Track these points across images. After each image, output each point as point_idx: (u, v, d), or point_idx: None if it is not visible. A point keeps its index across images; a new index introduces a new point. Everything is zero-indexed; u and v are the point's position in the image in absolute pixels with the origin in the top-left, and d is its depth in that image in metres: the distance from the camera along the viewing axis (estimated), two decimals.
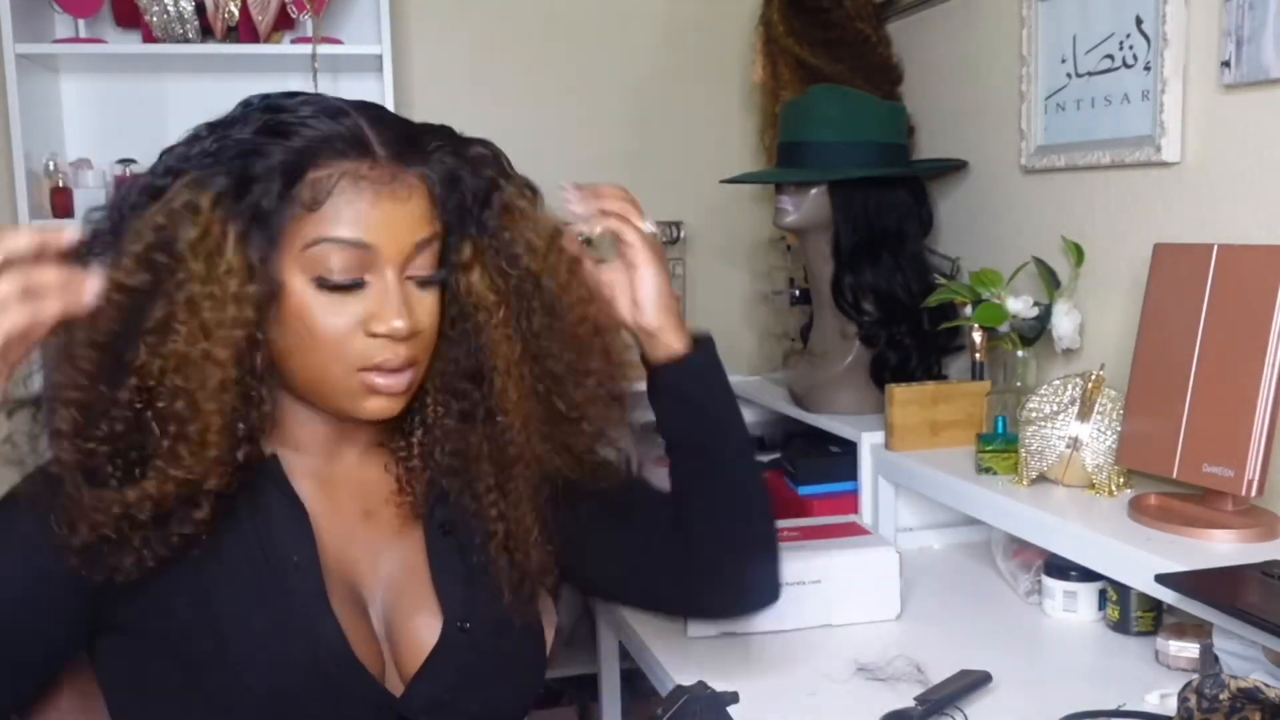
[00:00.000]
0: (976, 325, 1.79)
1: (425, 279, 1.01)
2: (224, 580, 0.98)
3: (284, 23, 2.38)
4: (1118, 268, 1.69)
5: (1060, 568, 1.53)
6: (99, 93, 2.45)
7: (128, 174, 2.33)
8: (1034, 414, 1.56)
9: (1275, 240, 1.40)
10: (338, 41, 2.40)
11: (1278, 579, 1.18)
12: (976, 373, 1.86)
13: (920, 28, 2.27)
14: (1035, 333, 1.73)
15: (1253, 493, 1.32)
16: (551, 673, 1.39)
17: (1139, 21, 1.63)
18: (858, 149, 1.99)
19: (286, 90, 1.03)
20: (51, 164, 2.33)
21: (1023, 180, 1.94)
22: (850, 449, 1.96)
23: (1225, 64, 1.46)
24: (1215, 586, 1.19)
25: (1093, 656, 1.45)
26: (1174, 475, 1.40)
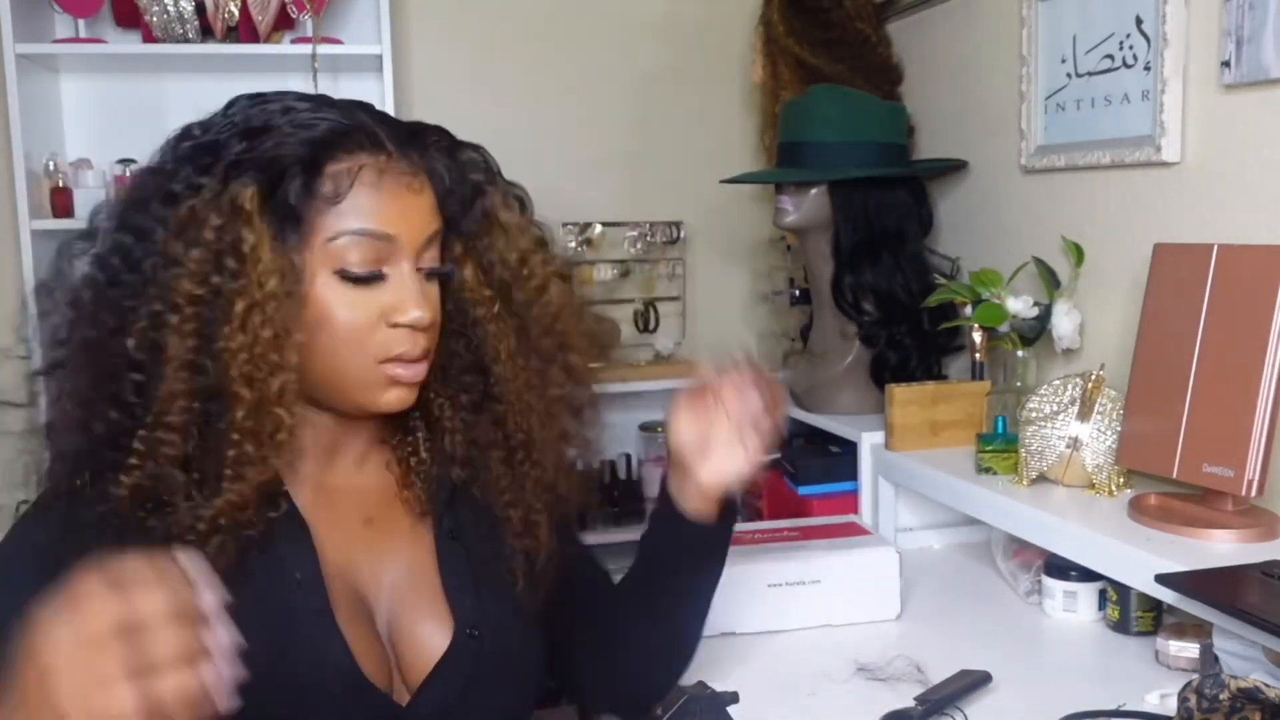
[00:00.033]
0: (976, 325, 1.79)
1: (433, 271, 1.02)
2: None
3: (284, 23, 2.39)
4: (1118, 268, 1.69)
5: (1060, 568, 1.53)
6: (99, 93, 2.45)
7: (128, 174, 2.33)
8: (1034, 414, 1.56)
9: (1275, 240, 1.40)
10: (338, 41, 2.40)
11: (1278, 579, 1.18)
12: (976, 373, 1.86)
13: (920, 28, 2.27)
14: (1035, 333, 1.73)
15: (1253, 493, 1.32)
16: None
17: (1139, 21, 1.63)
18: (858, 149, 1.99)
19: (276, 90, 1.02)
20: (51, 164, 2.33)
21: (1023, 180, 1.94)
22: (850, 449, 1.96)
23: (1225, 64, 1.46)
24: (1215, 586, 1.19)
25: (1093, 656, 1.44)
26: (1174, 475, 1.40)
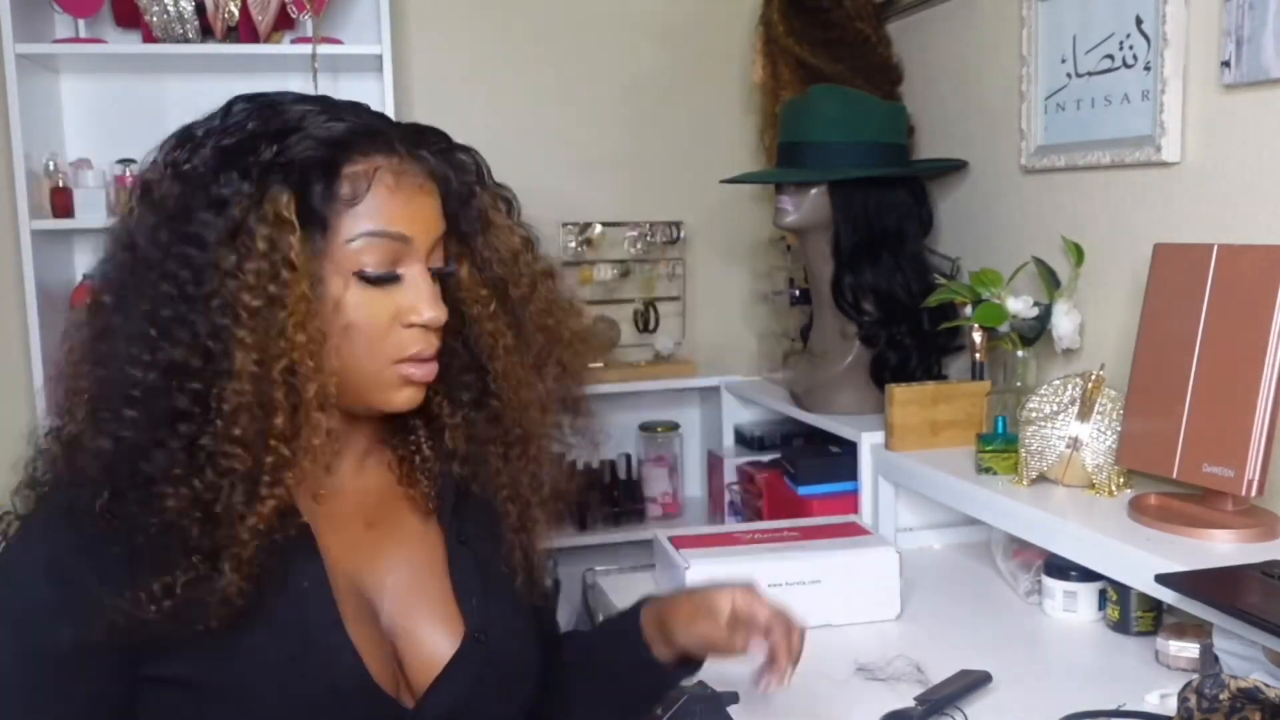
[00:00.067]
0: (976, 325, 1.79)
1: (438, 270, 1.03)
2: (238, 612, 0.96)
3: (284, 23, 2.38)
4: (1118, 268, 1.69)
5: (1060, 568, 1.53)
6: (99, 93, 2.45)
7: (128, 174, 2.33)
8: (1034, 414, 1.56)
9: (1275, 240, 1.40)
10: (338, 41, 2.40)
11: (1278, 579, 1.18)
12: (976, 373, 1.86)
13: (920, 28, 2.27)
14: (1035, 333, 1.73)
15: (1253, 493, 1.32)
16: None
17: (1139, 21, 1.63)
18: (858, 149, 1.99)
19: (281, 90, 1.03)
20: (51, 164, 2.33)
21: (1023, 180, 1.94)
22: (850, 449, 1.96)
23: (1225, 64, 1.46)
24: (1215, 586, 1.19)
25: (1093, 656, 1.44)
26: (1174, 475, 1.40)
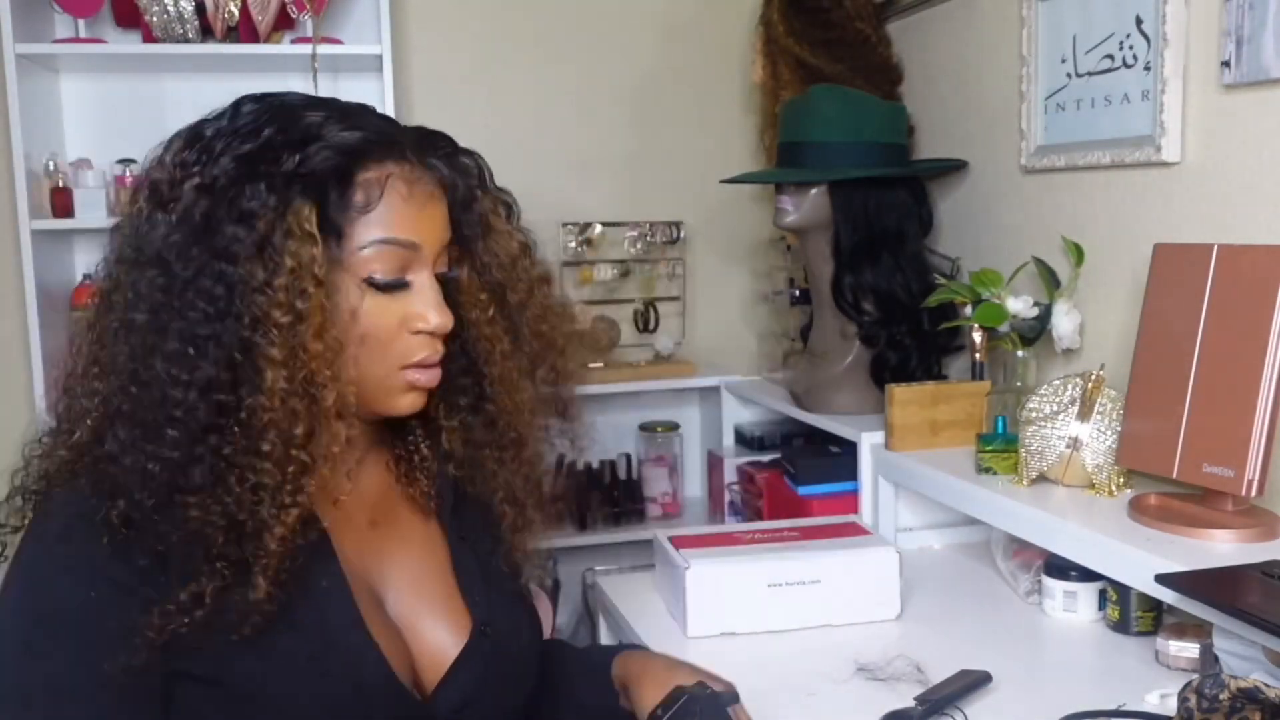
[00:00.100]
0: (976, 325, 1.79)
1: (444, 275, 1.04)
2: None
3: (284, 23, 2.38)
4: (1118, 268, 1.69)
5: (1060, 568, 1.53)
6: (99, 93, 2.45)
7: (128, 174, 2.33)
8: (1034, 414, 1.56)
9: (1275, 240, 1.40)
10: (338, 41, 2.40)
11: (1278, 579, 1.18)
12: (976, 373, 1.86)
13: (920, 28, 2.27)
14: (1035, 333, 1.73)
15: (1253, 493, 1.32)
16: None
17: (1139, 21, 1.63)
18: (858, 149, 1.99)
19: (285, 90, 1.03)
20: (51, 164, 2.33)
21: (1023, 180, 1.94)
22: (850, 449, 1.96)
23: (1225, 64, 1.46)
24: (1215, 586, 1.19)
25: (1093, 656, 1.44)
26: (1174, 475, 1.40)
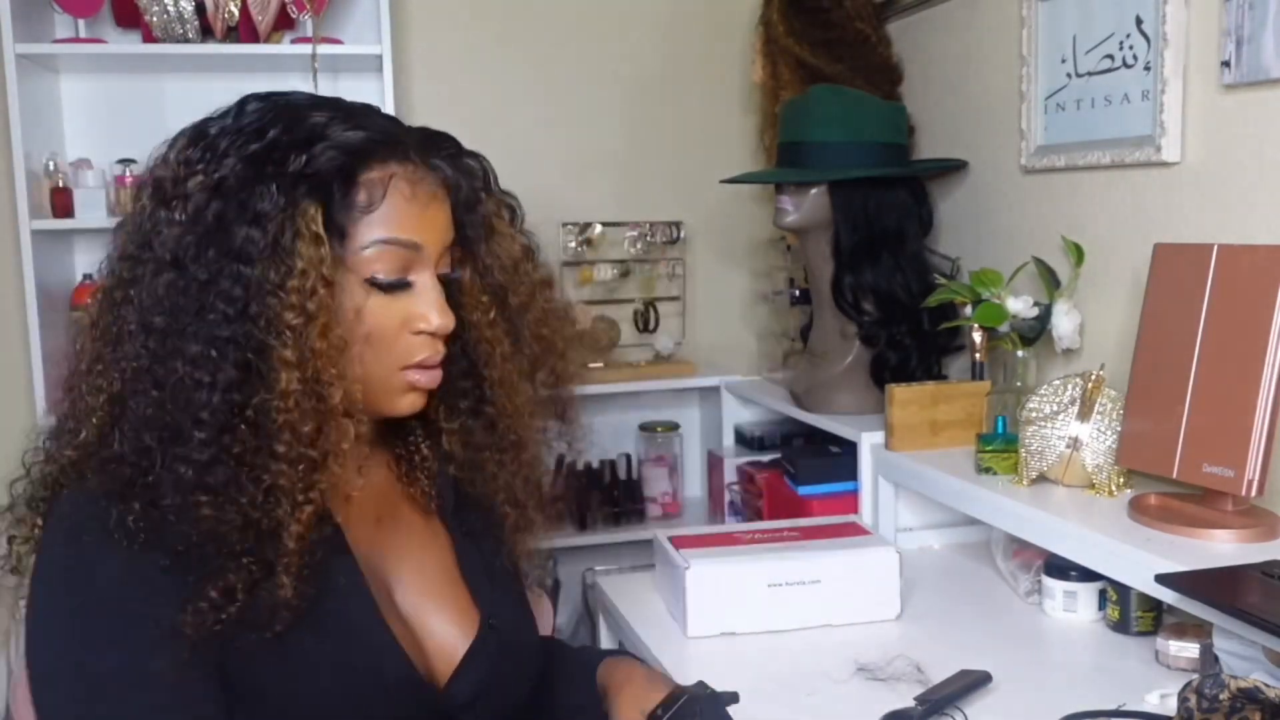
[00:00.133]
0: (976, 325, 1.79)
1: (446, 275, 1.04)
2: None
3: (284, 23, 2.38)
4: (1118, 268, 1.69)
5: (1060, 568, 1.53)
6: (99, 93, 2.45)
7: (127, 174, 2.33)
8: (1034, 414, 1.56)
9: (1275, 240, 1.40)
10: (338, 41, 2.40)
11: (1278, 579, 1.18)
12: (976, 373, 1.86)
13: (920, 28, 2.27)
14: (1035, 333, 1.73)
15: (1253, 493, 1.32)
16: None
17: (1139, 21, 1.63)
18: (858, 149, 1.99)
19: (286, 90, 1.03)
20: (51, 164, 2.33)
21: (1023, 180, 1.94)
22: (850, 449, 1.96)
23: (1225, 64, 1.46)
24: (1215, 586, 1.19)
25: (1093, 656, 1.44)
26: (1174, 475, 1.40)
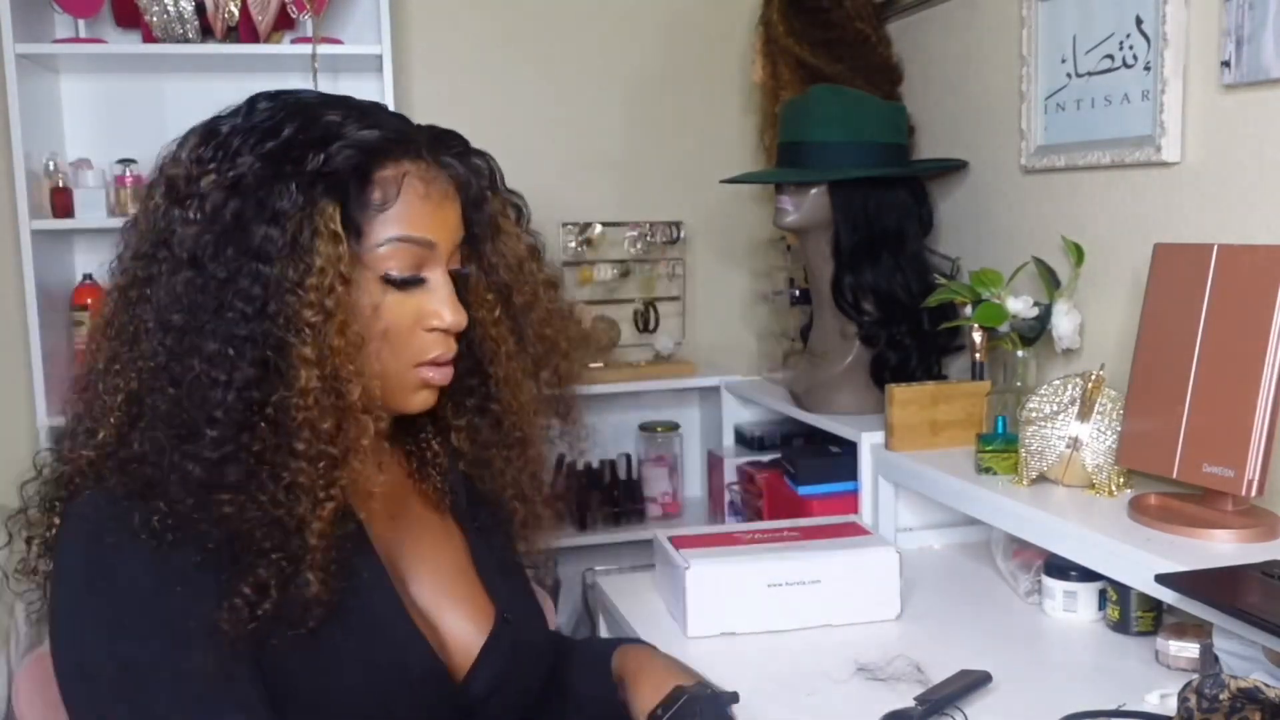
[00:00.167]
0: (976, 325, 1.79)
1: (456, 272, 1.05)
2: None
3: (284, 23, 2.38)
4: (1118, 268, 1.69)
5: (1060, 568, 1.53)
6: (99, 93, 2.45)
7: (128, 174, 2.33)
8: (1034, 414, 1.56)
9: (1275, 240, 1.40)
10: (338, 41, 2.40)
11: (1278, 579, 1.18)
12: (976, 373, 1.86)
13: (920, 28, 2.27)
14: (1035, 333, 1.73)
15: (1253, 493, 1.32)
16: None
17: (1139, 21, 1.63)
18: (858, 149, 1.99)
19: (295, 88, 1.03)
20: (51, 164, 2.33)
21: (1023, 180, 1.94)
22: (850, 449, 1.96)
23: (1225, 64, 1.46)
24: (1215, 586, 1.19)
25: (1093, 656, 1.44)
26: (1174, 475, 1.40)
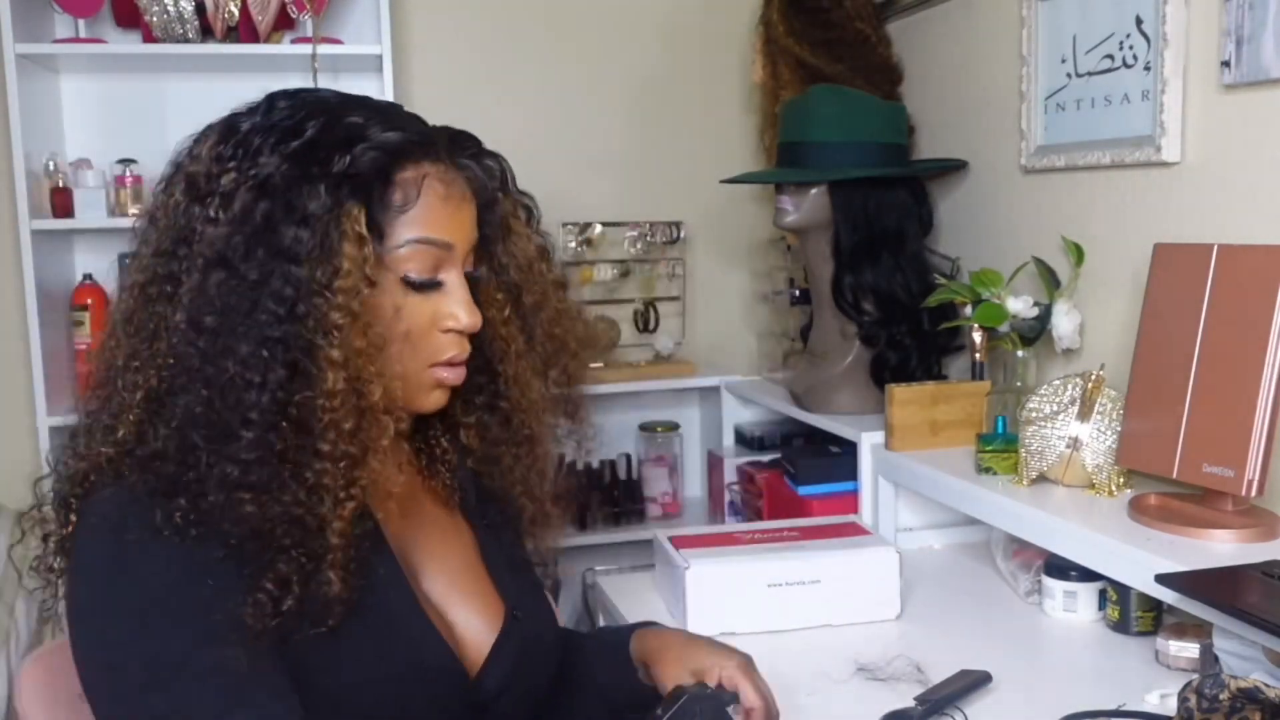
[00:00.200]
0: (976, 325, 1.79)
1: (470, 274, 1.05)
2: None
3: (284, 23, 2.38)
4: (1118, 268, 1.69)
5: (1060, 568, 1.53)
6: (99, 93, 2.45)
7: (128, 174, 2.33)
8: (1034, 414, 1.56)
9: (1275, 240, 1.40)
10: (338, 41, 2.40)
11: (1278, 579, 1.18)
12: (976, 373, 1.86)
13: (920, 28, 2.27)
14: (1035, 333, 1.73)
15: (1253, 493, 1.32)
16: None
17: (1139, 21, 1.63)
18: (858, 149, 1.99)
19: (314, 87, 1.04)
20: (51, 164, 2.33)
21: (1023, 180, 1.94)
22: (850, 449, 1.96)
23: (1225, 64, 1.46)
24: (1215, 586, 1.19)
25: (1093, 656, 1.44)
26: (1174, 475, 1.40)
